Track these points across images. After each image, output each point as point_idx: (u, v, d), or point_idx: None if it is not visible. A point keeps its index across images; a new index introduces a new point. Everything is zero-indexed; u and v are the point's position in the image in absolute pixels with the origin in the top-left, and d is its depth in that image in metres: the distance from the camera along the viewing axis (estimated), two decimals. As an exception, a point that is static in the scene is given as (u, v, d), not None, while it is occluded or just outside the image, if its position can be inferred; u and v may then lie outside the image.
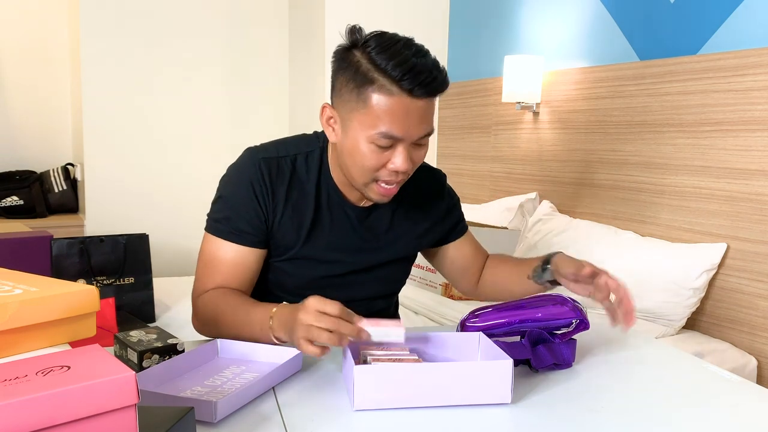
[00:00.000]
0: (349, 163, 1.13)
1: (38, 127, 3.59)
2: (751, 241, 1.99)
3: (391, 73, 1.03)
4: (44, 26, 3.55)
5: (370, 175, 1.11)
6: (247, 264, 1.19)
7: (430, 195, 1.33)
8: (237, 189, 1.18)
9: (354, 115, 1.08)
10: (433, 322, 2.18)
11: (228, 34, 3.63)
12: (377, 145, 1.08)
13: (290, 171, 1.19)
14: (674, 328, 2.04)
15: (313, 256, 1.22)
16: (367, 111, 1.06)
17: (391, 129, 1.06)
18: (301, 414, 0.88)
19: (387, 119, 1.05)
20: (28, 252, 2.16)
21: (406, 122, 1.06)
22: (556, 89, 2.75)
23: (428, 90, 1.05)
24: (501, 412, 0.91)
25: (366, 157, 1.09)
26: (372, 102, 1.05)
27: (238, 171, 1.20)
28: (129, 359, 1.02)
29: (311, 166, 1.21)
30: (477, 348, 1.07)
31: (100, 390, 0.59)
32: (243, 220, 1.17)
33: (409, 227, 1.30)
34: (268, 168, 1.17)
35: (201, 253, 1.21)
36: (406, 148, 1.09)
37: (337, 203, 1.22)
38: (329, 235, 1.22)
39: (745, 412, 0.96)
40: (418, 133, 1.08)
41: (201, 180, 3.60)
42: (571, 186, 2.68)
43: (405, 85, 1.03)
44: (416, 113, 1.06)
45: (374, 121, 1.06)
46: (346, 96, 1.09)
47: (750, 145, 1.99)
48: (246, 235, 1.17)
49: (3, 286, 0.84)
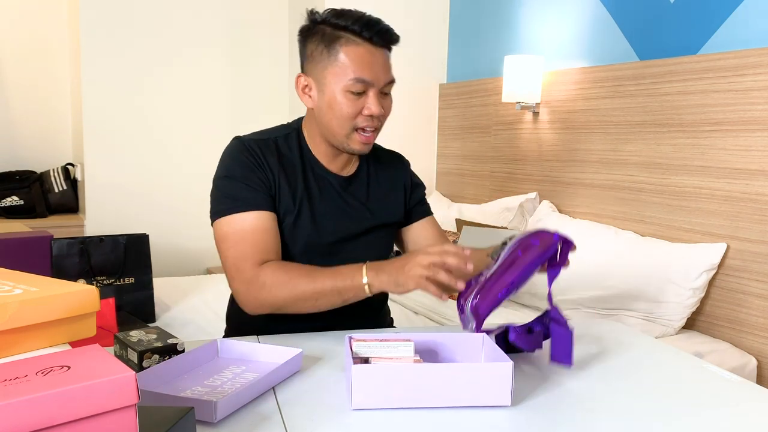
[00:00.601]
0: (329, 117, 1.27)
1: (38, 127, 3.59)
2: (751, 241, 1.99)
3: (353, 28, 1.23)
4: (44, 26, 3.55)
5: (350, 123, 1.25)
6: (271, 228, 1.25)
7: (394, 168, 1.47)
8: (235, 166, 1.27)
9: (327, 72, 1.25)
10: (433, 322, 2.18)
11: (228, 34, 3.63)
12: (352, 92, 1.23)
13: (275, 148, 1.31)
14: (674, 328, 2.04)
15: (306, 223, 1.30)
16: (338, 64, 1.23)
17: (362, 74, 1.22)
18: (301, 414, 0.88)
19: (357, 66, 1.23)
20: (28, 252, 2.16)
21: (374, 67, 1.24)
22: (556, 89, 2.75)
23: (385, 38, 1.25)
24: (500, 415, 0.90)
25: (343, 106, 1.24)
26: (342, 55, 1.23)
27: (231, 154, 1.29)
28: (129, 359, 1.02)
29: (291, 144, 1.33)
30: (480, 349, 1.07)
31: (100, 390, 0.59)
32: (250, 190, 1.25)
33: (384, 195, 1.42)
34: (257, 145, 1.29)
35: (224, 238, 1.24)
36: (376, 95, 1.25)
37: (321, 175, 1.33)
38: (319, 202, 1.32)
39: (745, 412, 0.96)
40: (385, 79, 1.26)
41: (201, 180, 3.59)
42: (571, 186, 2.68)
43: (366, 35, 1.23)
44: (379, 60, 1.25)
45: (346, 70, 1.23)
46: (317, 58, 1.26)
47: (750, 145, 1.99)
48: (259, 201, 1.25)
49: (3, 286, 0.84)
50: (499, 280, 1.08)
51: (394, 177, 1.45)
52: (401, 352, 0.98)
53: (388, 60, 1.27)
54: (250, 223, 1.23)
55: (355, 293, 1.14)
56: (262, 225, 1.24)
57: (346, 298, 1.16)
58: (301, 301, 1.17)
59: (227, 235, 1.23)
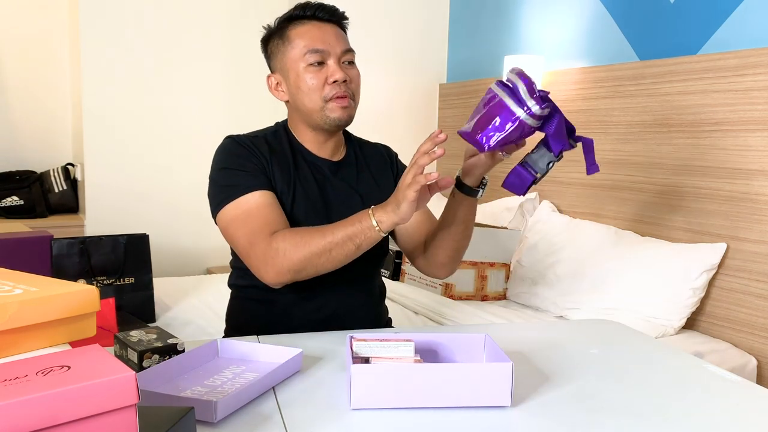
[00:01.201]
0: (300, 98, 1.33)
1: (38, 127, 3.59)
2: (750, 241, 1.99)
3: (296, 14, 1.34)
4: (44, 26, 3.55)
5: (319, 95, 1.31)
6: (275, 203, 1.28)
7: (380, 155, 1.51)
8: (230, 158, 1.31)
9: (287, 58, 1.34)
10: (433, 322, 2.18)
11: (228, 35, 3.63)
12: (310, 65, 1.31)
13: (265, 142, 1.36)
14: (674, 328, 2.04)
15: (301, 209, 1.33)
16: (292, 45, 1.33)
17: (312, 44, 1.31)
18: (301, 414, 0.88)
19: (307, 40, 1.31)
20: (28, 252, 2.16)
21: (324, 37, 1.32)
22: (556, 89, 2.75)
23: (328, 12, 1.34)
24: (500, 415, 0.90)
25: (308, 80, 1.31)
26: (293, 37, 1.33)
27: (224, 149, 1.34)
28: (129, 359, 1.02)
29: (280, 138, 1.39)
30: (482, 350, 1.07)
31: (100, 390, 0.59)
32: (248, 175, 1.28)
33: (373, 179, 1.45)
34: (247, 139, 1.35)
35: (232, 221, 1.26)
36: (337, 62, 1.32)
37: (311, 161, 1.38)
38: (313, 187, 1.36)
39: (745, 412, 0.96)
40: (340, 47, 1.33)
41: (201, 180, 3.59)
42: (571, 186, 2.68)
43: (309, 13, 1.33)
44: (329, 32, 1.33)
45: (299, 47, 1.32)
46: (276, 51, 1.37)
47: (750, 145, 1.99)
48: (259, 182, 1.28)
49: (3, 286, 0.84)
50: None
51: (382, 163, 1.49)
52: (401, 352, 0.98)
53: (339, 33, 1.35)
54: (255, 201, 1.25)
55: (366, 236, 1.15)
56: (266, 201, 1.26)
57: (359, 243, 1.16)
58: (316, 257, 1.17)
59: (235, 218, 1.25)
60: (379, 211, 1.14)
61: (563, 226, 2.51)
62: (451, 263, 1.40)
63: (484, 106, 1.14)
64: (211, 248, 3.57)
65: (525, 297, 2.40)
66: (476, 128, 1.12)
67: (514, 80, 1.12)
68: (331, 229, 1.17)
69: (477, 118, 1.14)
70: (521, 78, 1.11)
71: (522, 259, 2.50)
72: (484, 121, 1.12)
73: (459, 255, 1.40)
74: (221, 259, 3.59)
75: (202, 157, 3.58)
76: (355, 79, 1.36)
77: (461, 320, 2.13)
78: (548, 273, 2.36)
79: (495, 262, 2.46)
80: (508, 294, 2.48)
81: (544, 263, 2.40)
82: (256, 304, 1.40)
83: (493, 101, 1.13)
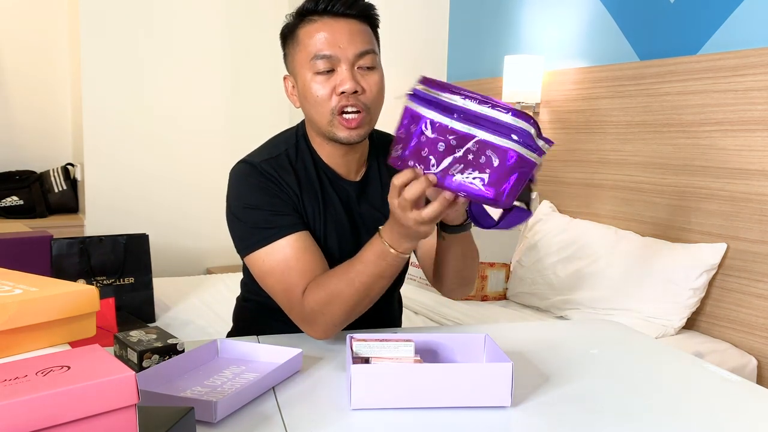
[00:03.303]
0: (308, 108, 1.17)
1: (38, 127, 3.59)
2: (750, 241, 1.99)
3: (308, 6, 1.14)
4: (44, 26, 3.55)
5: (327, 107, 1.14)
6: (311, 245, 1.15)
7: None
8: (255, 194, 1.16)
9: (296, 61, 1.17)
10: (433, 322, 2.18)
11: (228, 35, 3.63)
12: (318, 73, 1.13)
13: (289, 163, 1.20)
14: (674, 328, 2.04)
15: (334, 239, 1.21)
16: (301, 48, 1.15)
17: (319, 48, 1.12)
18: (301, 414, 0.88)
19: (315, 42, 1.12)
20: (28, 252, 2.16)
21: (334, 39, 1.12)
22: (556, 89, 2.75)
23: (345, 4, 1.13)
24: (500, 415, 0.90)
25: (315, 90, 1.13)
26: (301, 36, 1.15)
27: (245, 181, 1.18)
28: (129, 359, 1.02)
29: (302, 154, 1.23)
30: (482, 350, 1.07)
31: (100, 390, 0.59)
32: (279, 215, 1.15)
33: None
34: (270, 167, 1.18)
35: (269, 272, 1.14)
36: (348, 69, 1.12)
37: (335, 181, 1.23)
38: (340, 212, 1.23)
39: (745, 412, 0.96)
40: (353, 50, 1.13)
41: (201, 180, 3.60)
42: (571, 186, 2.68)
43: (321, 7, 1.13)
44: (342, 30, 1.13)
45: (307, 50, 1.13)
46: (287, 51, 1.20)
47: (750, 145, 1.99)
48: (291, 223, 1.14)
49: (3, 286, 0.84)
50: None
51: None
52: (401, 352, 0.98)
53: (357, 30, 1.14)
54: (291, 249, 1.12)
55: (394, 266, 1.04)
56: (302, 245, 1.13)
57: (390, 275, 1.05)
58: (354, 307, 1.08)
59: (272, 269, 1.13)
60: (395, 242, 1.01)
61: (563, 226, 2.51)
62: (461, 288, 1.31)
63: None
64: (211, 248, 3.58)
65: (525, 297, 2.40)
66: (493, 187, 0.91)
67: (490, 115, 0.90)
68: (357, 275, 1.05)
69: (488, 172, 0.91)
70: (526, 119, 0.89)
71: (522, 259, 2.50)
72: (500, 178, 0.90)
73: (467, 281, 1.29)
74: (221, 259, 3.59)
75: (202, 157, 3.60)
76: (372, 87, 1.15)
77: (461, 320, 2.13)
78: (548, 273, 2.36)
79: (495, 262, 2.46)
80: (508, 294, 2.48)
81: (544, 263, 2.40)
82: (269, 320, 1.29)
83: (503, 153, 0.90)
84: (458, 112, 0.91)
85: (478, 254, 1.28)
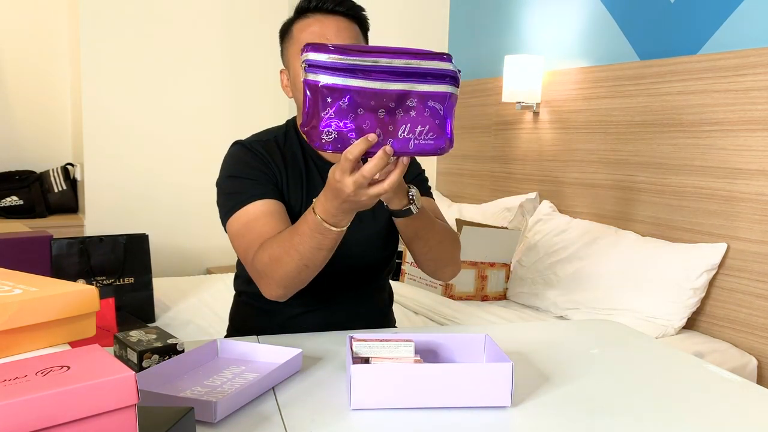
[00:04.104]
0: (297, 97, 1.23)
1: (38, 127, 3.59)
2: (751, 241, 1.99)
3: (302, 5, 1.24)
4: (44, 26, 3.54)
5: None
6: (276, 212, 1.20)
7: None
8: (239, 166, 1.25)
9: (290, 53, 1.26)
10: (433, 322, 2.18)
11: (228, 35, 3.63)
12: None
13: (277, 146, 1.30)
14: (674, 328, 2.04)
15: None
16: (294, 41, 1.24)
17: (308, 40, 1.17)
18: (301, 414, 0.88)
19: (306, 35, 1.21)
20: (28, 252, 2.16)
21: (322, 33, 1.20)
22: (557, 89, 2.75)
23: (333, 2, 1.21)
24: (500, 415, 0.90)
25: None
26: (294, 32, 1.25)
27: (234, 156, 1.28)
28: (129, 359, 1.02)
29: (290, 140, 1.33)
30: (482, 350, 1.07)
31: (100, 390, 0.59)
32: (256, 184, 1.23)
33: None
34: (259, 146, 1.29)
35: (235, 234, 1.21)
36: None
37: (321, 165, 1.31)
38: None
39: (745, 412, 0.96)
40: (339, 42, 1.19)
41: (201, 180, 3.60)
42: (571, 186, 2.68)
43: (313, 5, 1.22)
44: (331, 26, 1.21)
45: (299, 43, 1.21)
46: (284, 47, 1.28)
47: (750, 145, 1.99)
48: (263, 192, 1.22)
49: (3, 286, 0.84)
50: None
51: None
52: (401, 352, 0.98)
53: (344, 26, 1.22)
54: (254, 212, 1.20)
55: (330, 238, 1.04)
56: (266, 209, 1.19)
57: (330, 247, 1.06)
58: (297, 274, 1.09)
59: (237, 232, 1.21)
60: (334, 220, 1.01)
61: (563, 226, 2.51)
62: (443, 269, 1.32)
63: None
64: (211, 248, 3.57)
65: (525, 297, 2.40)
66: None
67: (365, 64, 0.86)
68: (294, 245, 1.06)
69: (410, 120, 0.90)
70: (448, 59, 0.89)
71: (522, 259, 2.50)
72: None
73: (443, 263, 1.30)
74: (221, 259, 3.59)
75: (202, 157, 3.59)
76: None
77: (461, 320, 2.13)
78: (548, 273, 2.36)
79: (495, 262, 2.46)
80: (508, 294, 2.48)
81: (544, 263, 2.40)
82: (260, 312, 1.36)
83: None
84: (384, 72, 0.87)
85: (448, 237, 1.28)
